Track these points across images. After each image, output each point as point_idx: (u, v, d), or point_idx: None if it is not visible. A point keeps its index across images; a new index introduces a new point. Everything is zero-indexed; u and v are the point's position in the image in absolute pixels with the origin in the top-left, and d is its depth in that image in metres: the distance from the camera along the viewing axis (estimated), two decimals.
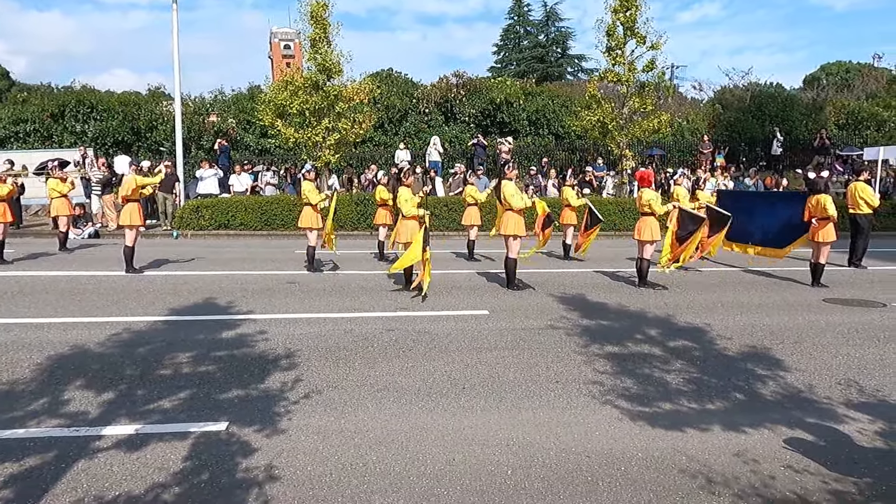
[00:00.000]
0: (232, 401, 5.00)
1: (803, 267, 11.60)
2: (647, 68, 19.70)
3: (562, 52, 55.54)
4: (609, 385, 5.48)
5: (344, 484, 3.76)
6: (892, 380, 5.72)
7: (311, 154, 18.49)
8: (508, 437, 4.41)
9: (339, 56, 18.23)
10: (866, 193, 11.94)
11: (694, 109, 29.54)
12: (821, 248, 10.07)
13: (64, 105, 22.81)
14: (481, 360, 6.13)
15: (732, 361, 6.20)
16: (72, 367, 5.71)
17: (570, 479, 3.85)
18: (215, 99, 25.84)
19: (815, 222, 10.12)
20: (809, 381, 5.65)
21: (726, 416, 4.82)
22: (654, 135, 20.80)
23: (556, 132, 25.79)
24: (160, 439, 4.27)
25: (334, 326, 7.36)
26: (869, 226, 12.25)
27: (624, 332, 7.25)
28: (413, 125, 25.16)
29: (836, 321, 7.93)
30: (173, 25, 18.42)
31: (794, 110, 26.22)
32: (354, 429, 4.52)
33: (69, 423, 4.54)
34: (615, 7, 19.44)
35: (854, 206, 12.12)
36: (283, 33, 77.84)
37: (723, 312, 8.30)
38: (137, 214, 10.83)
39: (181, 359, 6.02)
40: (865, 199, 11.88)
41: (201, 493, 3.64)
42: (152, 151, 22.34)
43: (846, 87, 32.53)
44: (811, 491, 3.73)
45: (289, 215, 17.40)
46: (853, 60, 39.03)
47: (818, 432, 4.54)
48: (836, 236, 10.23)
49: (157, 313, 7.82)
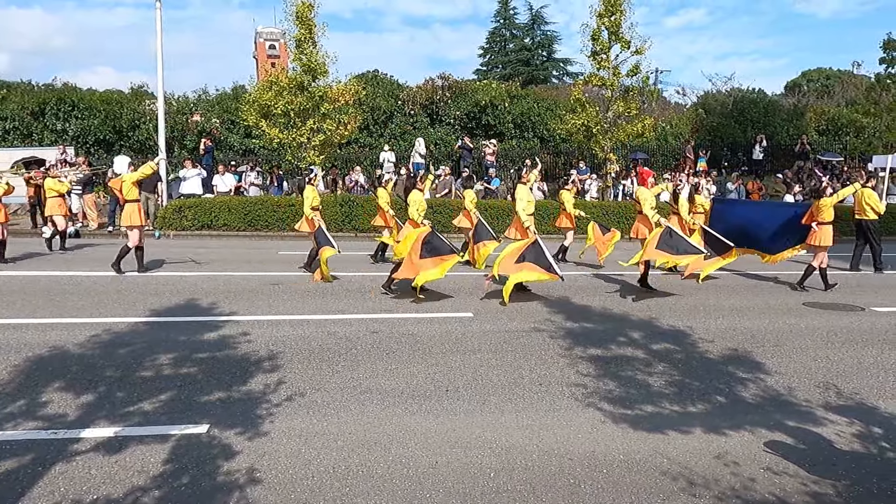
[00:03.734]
0: (213, 403, 4.96)
1: (784, 271, 11.74)
2: (631, 73, 19.82)
3: (547, 55, 55.74)
4: (592, 387, 5.51)
5: (326, 487, 3.74)
6: (870, 382, 5.81)
7: (295, 155, 18.40)
8: (492, 440, 4.41)
9: (324, 57, 18.15)
10: (872, 200, 12.17)
11: (677, 114, 29.76)
12: (818, 252, 10.22)
13: (45, 103, 22.46)
14: (465, 363, 6.13)
15: (714, 364, 6.26)
16: (50, 369, 5.63)
17: (552, 482, 3.86)
18: (199, 98, 25.59)
19: (815, 227, 10.26)
20: (789, 383, 5.72)
21: (707, 419, 4.86)
22: (638, 139, 20.94)
23: (541, 135, 25.85)
24: (140, 442, 4.23)
25: (318, 328, 7.32)
26: (876, 231, 12.51)
27: (607, 334, 7.29)
28: (398, 127, 25.12)
29: (815, 325, 8.03)
30: (157, 24, 18.25)
31: (776, 116, 26.54)
32: (337, 431, 4.50)
33: (47, 425, 4.48)
34: (600, 12, 19.54)
35: (860, 212, 12.36)
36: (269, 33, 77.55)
37: (705, 316, 8.37)
38: (138, 215, 10.82)
39: (162, 360, 5.96)
40: (871, 206, 12.11)
41: (181, 496, 3.60)
42: (135, 151, 22.10)
43: (827, 94, 33.03)
44: (790, 493, 3.77)
45: (272, 216, 17.31)
46: (834, 67, 39.67)
47: (797, 435, 4.60)
48: (835, 241, 10.33)
49: (138, 314, 7.74)
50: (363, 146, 24.34)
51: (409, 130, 24.99)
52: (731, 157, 25.42)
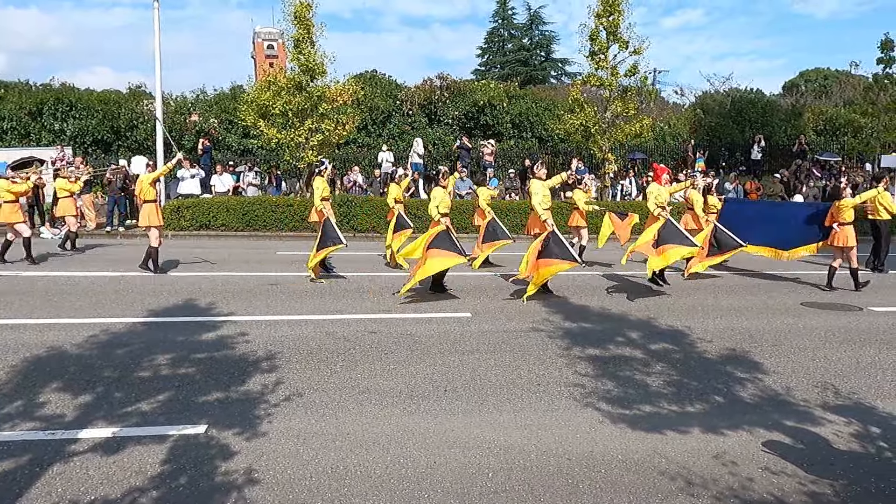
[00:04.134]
0: (211, 403, 4.95)
1: (783, 271, 11.77)
2: (629, 73, 19.85)
3: (545, 55, 55.82)
4: (590, 387, 5.51)
5: (324, 487, 3.74)
6: (867, 382, 5.81)
7: (293, 155, 18.39)
8: (490, 440, 4.41)
9: (322, 57, 18.15)
10: (885, 200, 12.29)
11: (675, 114, 29.79)
12: (847, 253, 10.33)
13: (42, 103, 22.43)
14: (463, 363, 6.13)
15: (712, 364, 6.26)
16: (48, 370, 5.62)
17: (550, 482, 3.86)
18: (197, 98, 25.57)
19: (836, 228, 10.33)
20: (787, 383, 5.72)
21: (705, 419, 4.86)
22: (636, 139, 20.97)
23: (540, 135, 25.85)
24: (138, 442, 4.22)
25: (316, 328, 7.32)
26: (888, 231, 12.62)
27: (606, 334, 7.29)
28: (397, 127, 25.11)
29: (813, 324, 8.04)
30: (155, 23, 18.22)
31: (774, 116, 26.57)
32: (335, 431, 4.50)
33: (45, 426, 4.47)
34: (598, 12, 19.57)
35: (874, 213, 12.49)
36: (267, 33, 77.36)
37: (703, 316, 8.38)
38: (156, 215, 10.86)
39: (160, 361, 5.96)
40: (885, 206, 12.21)
41: (179, 496, 3.60)
42: (133, 151, 22.08)
43: (824, 94, 33.06)
44: (788, 493, 3.77)
45: (271, 216, 17.29)
46: (831, 67, 39.69)
47: (795, 434, 4.60)
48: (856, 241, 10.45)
49: (136, 315, 7.72)
50: (361, 146, 24.32)
51: (407, 130, 24.99)
52: (728, 158, 25.44)
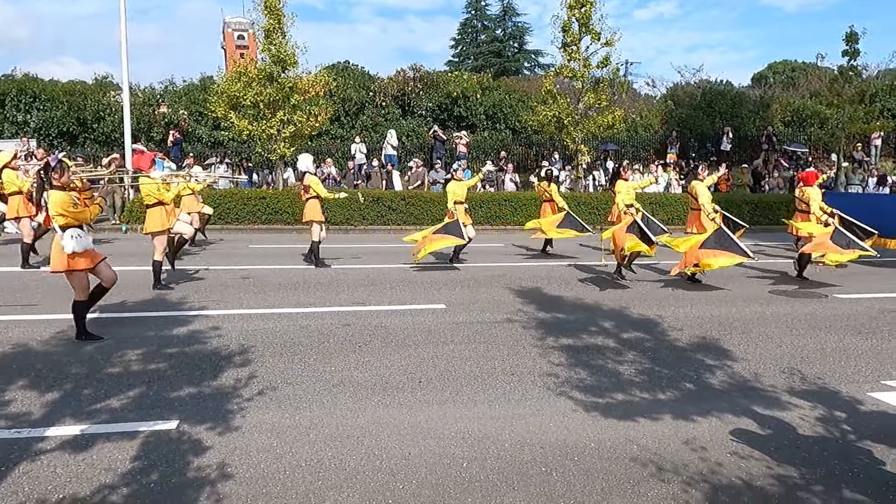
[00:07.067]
0: (183, 399, 4.90)
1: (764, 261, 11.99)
2: (601, 64, 19.95)
3: (519, 47, 55.75)
4: (564, 377, 5.56)
5: (298, 480, 3.72)
6: (832, 367, 5.96)
7: (265, 147, 18.18)
8: (464, 430, 4.43)
9: (294, 47, 17.93)
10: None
11: (647, 106, 30.05)
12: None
13: (4, 94, 21.80)
14: (438, 354, 6.14)
15: (683, 352, 6.37)
16: (13, 367, 5.50)
17: (524, 471, 3.89)
18: (166, 89, 25.09)
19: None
20: (755, 370, 5.84)
21: (676, 406, 4.94)
22: (609, 130, 21.09)
23: (513, 127, 25.90)
24: (107, 439, 4.16)
25: (289, 322, 7.27)
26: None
27: (579, 324, 7.36)
28: (370, 118, 24.95)
29: (780, 312, 8.20)
30: (121, 13, 17.83)
31: (743, 107, 26.98)
32: (309, 424, 4.48)
33: (10, 424, 4.38)
34: (571, 3, 19.61)
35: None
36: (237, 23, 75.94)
37: (674, 304, 8.50)
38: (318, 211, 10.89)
39: (130, 356, 5.87)
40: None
41: (151, 493, 3.55)
42: (99, 143, 21.63)
43: (792, 86, 33.56)
44: (756, 476, 3.85)
45: (243, 209, 17.09)
46: (799, 60, 40.28)
47: (763, 420, 4.70)
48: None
49: (105, 310, 7.59)
50: (334, 138, 24.12)
51: (380, 122, 24.85)
52: (699, 149, 25.79)
